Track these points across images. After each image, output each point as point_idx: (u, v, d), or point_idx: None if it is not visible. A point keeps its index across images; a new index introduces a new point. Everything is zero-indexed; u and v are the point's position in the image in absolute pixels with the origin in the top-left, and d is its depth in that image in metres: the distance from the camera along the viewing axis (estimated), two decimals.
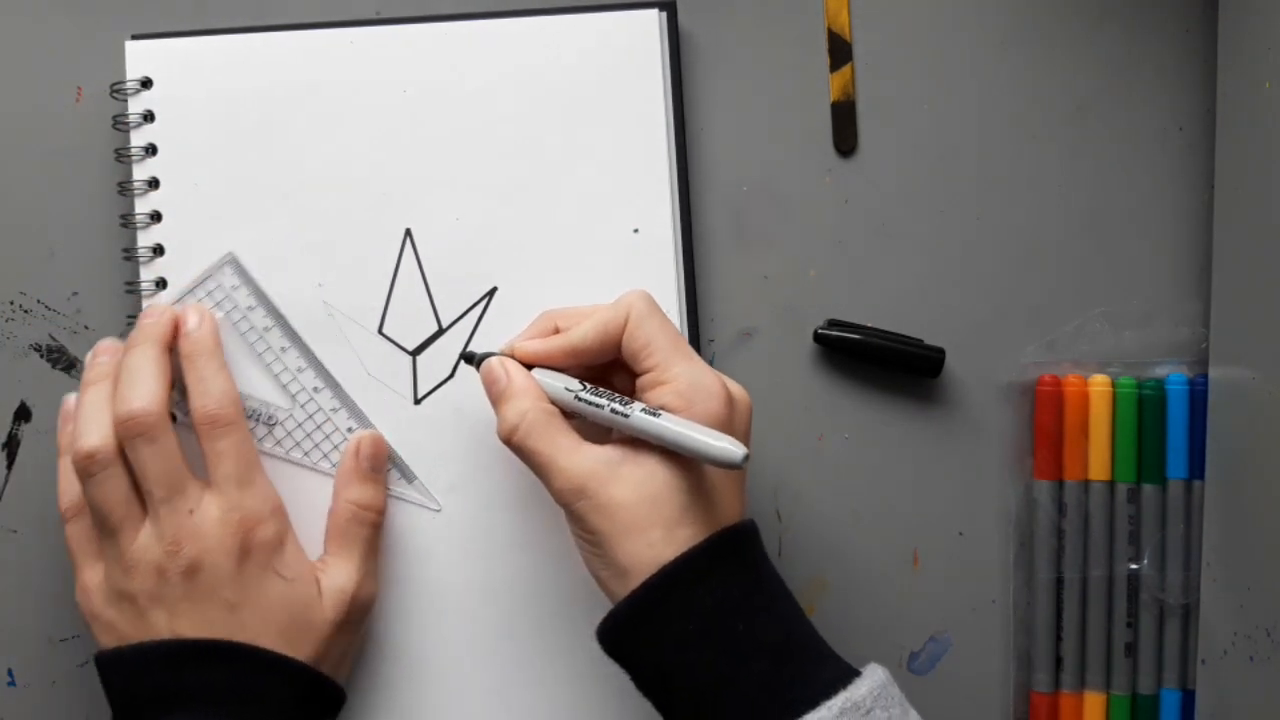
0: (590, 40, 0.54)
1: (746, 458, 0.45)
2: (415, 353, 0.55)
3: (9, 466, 0.57)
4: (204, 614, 0.48)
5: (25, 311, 0.57)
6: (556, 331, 0.51)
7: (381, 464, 0.53)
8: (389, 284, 0.55)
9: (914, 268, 0.57)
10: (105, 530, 0.49)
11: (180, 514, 0.48)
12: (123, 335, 0.56)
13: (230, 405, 0.50)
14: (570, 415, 0.49)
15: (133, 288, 0.54)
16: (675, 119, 0.55)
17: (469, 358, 0.52)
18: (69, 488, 0.51)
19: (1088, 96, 0.57)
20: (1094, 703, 0.56)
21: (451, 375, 0.55)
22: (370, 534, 0.53)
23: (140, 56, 0.55)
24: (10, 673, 0.57)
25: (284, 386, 0.54)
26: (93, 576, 0.50)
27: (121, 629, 0.49)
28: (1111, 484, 0.56)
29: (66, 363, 0.57)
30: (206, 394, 0.50)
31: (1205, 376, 0.55)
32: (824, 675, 0.45)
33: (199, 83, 0.54)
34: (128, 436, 0.48)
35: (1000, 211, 0.57)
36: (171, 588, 0.48)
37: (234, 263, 0.54)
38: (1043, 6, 0.57)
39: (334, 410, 0.54)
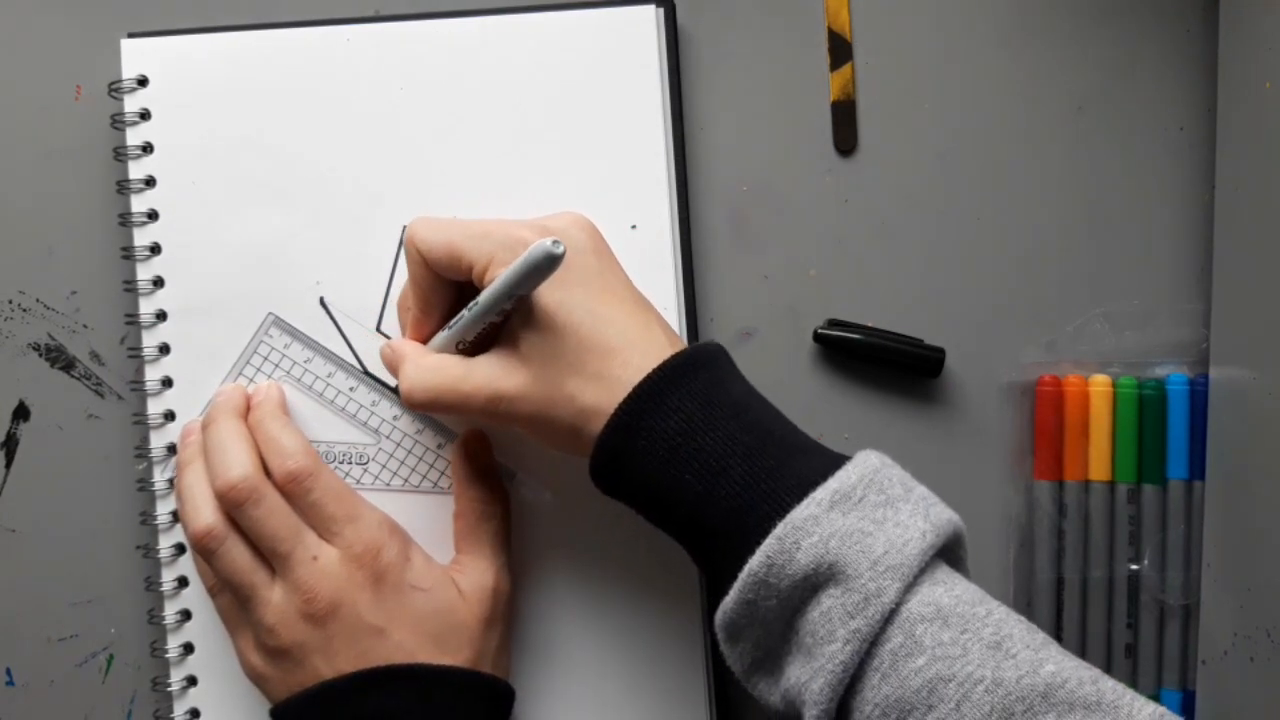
0: (587, 36, 0.54)
1: (556, 242, 0.43)
2: None
3: (8, 465, 0.56)
4: (357, 647, 0.48)
5: (24, 310, 0.57)
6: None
7: (492, 459, 0.53)
8: (387, 281, 0.54)
9: (914, 267, 0.57)
10: (241, 598, 0.50)
11: (305, 563, 0.49)
12: (126, 338, 0.56)
13: (305, 456, 0.50)
14: (465, 351, 0.49)
15: (131, 286, 0.54)
16: (673, 116, 0.55)
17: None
18: (206, 567, 0.52)
19: (1088, 96, 0.57)
20: None
21: None
22: (498, 527, 0.52)
23: (136, 54, 0.55)
24: (9, 672, 0.57)
25: (364, 423, 0.54)
26: (246, 643, 0.51)
27: (288, 682, 0.49)
28: (1112, 484, 0.56)
29: (65, 362, 0.56)
30: (280, 453, 0.51)
31: (1205, 376, 0.55)
32: (811, 465, 0.44)
33: (195, 81, 0.54)
34: (234, 506, 0.49)
35: (1000, 211, 0.57)
36: (319, 632, 0.48)
37: (278, 322, 0.54)
38: (1043, 6, 0.57)
39: (418, 432, 0.54)
